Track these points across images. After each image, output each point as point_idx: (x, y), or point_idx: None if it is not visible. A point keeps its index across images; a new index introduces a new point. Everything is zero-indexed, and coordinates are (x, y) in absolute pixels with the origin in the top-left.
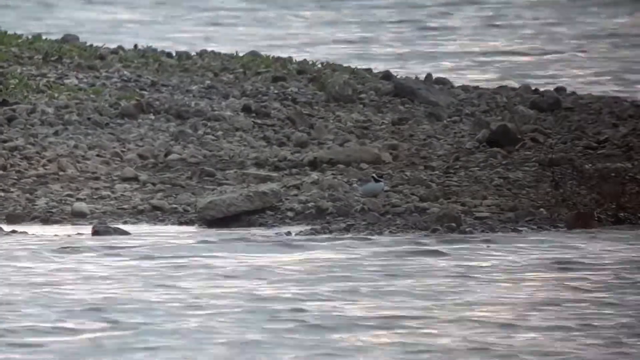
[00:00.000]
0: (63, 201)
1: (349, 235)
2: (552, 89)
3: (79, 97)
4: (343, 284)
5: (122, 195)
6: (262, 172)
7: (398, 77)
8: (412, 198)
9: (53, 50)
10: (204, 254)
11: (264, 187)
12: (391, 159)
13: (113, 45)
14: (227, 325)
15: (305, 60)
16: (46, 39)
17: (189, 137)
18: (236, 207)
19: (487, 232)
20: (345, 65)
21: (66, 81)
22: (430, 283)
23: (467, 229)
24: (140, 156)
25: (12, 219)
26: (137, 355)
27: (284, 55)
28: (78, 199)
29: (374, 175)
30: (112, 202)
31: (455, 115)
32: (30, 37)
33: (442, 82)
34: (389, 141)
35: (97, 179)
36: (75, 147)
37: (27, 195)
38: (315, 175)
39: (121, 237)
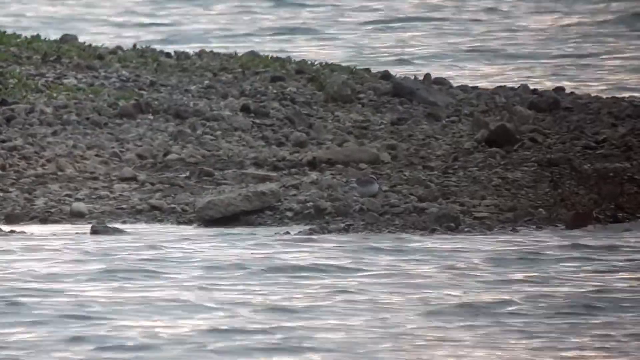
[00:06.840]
0: (62, 201)
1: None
2: (550, 89)
3: (77, 97)
4: None
5: (120, 195)
6: (261, 172)
7: (397, 77)
8: (411, 198)
9: (52, 50)
10: None
11: (262, 187)
12: (390, 159)
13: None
14: None
15: (303, 60)
16: (45, 39)
17: (188, 137)
18: (235, 207)
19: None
20: (344, 65)
21: (65, 81)
22: None
23: (466, 229)
24: (139, 156)
25: (10, 219)
26: None
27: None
28: (77, 199)
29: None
30: (110, 202)
31: (454, 115)
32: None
33: (440, 82)
34: (388, 141)
35: (95, 178)
36: (74, 147)
37: (26, 195)
38: (314, 175)
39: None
